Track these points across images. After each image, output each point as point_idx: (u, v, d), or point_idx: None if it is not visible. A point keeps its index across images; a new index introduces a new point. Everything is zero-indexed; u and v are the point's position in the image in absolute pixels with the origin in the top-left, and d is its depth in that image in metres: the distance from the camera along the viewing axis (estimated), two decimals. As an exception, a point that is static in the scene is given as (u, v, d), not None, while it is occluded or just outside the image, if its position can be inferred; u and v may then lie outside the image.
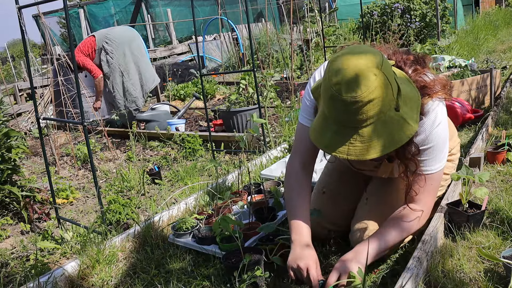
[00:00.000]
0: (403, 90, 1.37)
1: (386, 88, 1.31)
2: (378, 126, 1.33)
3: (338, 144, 1.36)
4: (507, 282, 1.45)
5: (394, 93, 1.34)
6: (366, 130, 1.33)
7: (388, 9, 7.51)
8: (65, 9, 2.14)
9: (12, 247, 2.48)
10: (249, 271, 1.60)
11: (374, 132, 1.33)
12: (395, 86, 1.35)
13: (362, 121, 1.32)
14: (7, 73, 13.83)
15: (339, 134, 1.36)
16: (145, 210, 2.72)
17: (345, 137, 1.35)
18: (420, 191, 1.61)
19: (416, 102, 1.42)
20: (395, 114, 1.34)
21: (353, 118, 1.32)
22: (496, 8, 12.30)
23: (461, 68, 4.00)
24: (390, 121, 1.34)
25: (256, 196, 2.31)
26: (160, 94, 6.70)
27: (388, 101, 1.32)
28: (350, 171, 2.00)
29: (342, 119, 1.34)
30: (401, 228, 1.62)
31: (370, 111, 1.30)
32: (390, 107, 1.34)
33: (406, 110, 1.37)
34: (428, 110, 1.52)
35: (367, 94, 1.27)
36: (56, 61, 4.22)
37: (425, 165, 1.59)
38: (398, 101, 1.35)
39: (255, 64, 3.25)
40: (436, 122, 1.53)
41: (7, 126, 3.01)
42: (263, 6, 10.61)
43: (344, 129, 1.35)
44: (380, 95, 1.29)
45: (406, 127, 1.35)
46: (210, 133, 3.54)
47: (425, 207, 1.64)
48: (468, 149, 2.70)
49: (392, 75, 1.35)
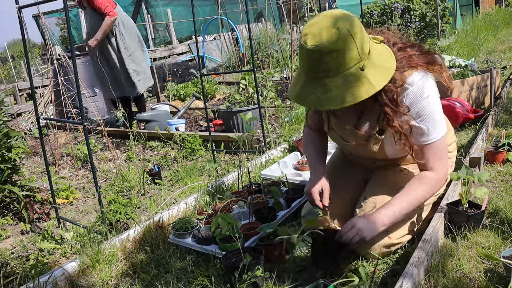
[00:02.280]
0: (375, 57, 1.51)
1: (349, 44, 1.43)
2: (339, 80, 1.46)
3: (304, 94, 1.53)
4: (507, 282, 1.45)
5: (361, 53, 1.46)
6: (328, 81, 1.47)
7: (388, 9, 7.51)
8: (65, 9, 2.14)
9: (12, 247, 2.47)
10: (249, 271, 1.60)
11: (335, 85, 1.46)
12: (363, 48, 1.46)
13: (324, 71, 1.46)
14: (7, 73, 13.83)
15: (306, 85, 1.53)
16: (145, 210, 2.72)
17: (310, 88, 1.51)
18: (430, 161, 1.67)
19: (387, 70, 1.53)
20: (358, 72, 1.46)
21: (316, 67, 1.47)
22: (496, 8, 12.29)
23: (461, 68, 4.00)
24: (353, 78, 1.46)
25: (256, 196, 2.31)
26: (160, 94, 6.70)
27: (350, 58, 1.44)
28: (349, 169, 2.02)
29: (307, 68, 1.50)
30: (425, 184, 1.68)
31: (330, 62, 1.44)
32: (355, 65, 1.46)
33: (373, 73, 1.48)
34: (413, 80, 1.62)
35: (328, 45, 1.42)
36: (56, 61, 4.22)
37: (426, 136, 1.65)
38: (364, 62, 1.47)
39: (255, 64, 3.25)
40: (425, 93, 1.62)
41: (8, 126, 3.01)
42: (263, 6, 10.61)
43: (310, 80, 1.51)
44: (341, 49, 1.42)
45: (368, 86, 1.46)
46: (210, 133, 3.54)
47: (440, 172, 1.69)
48: (468, 149, 2.70)
49: (362, 39, 1.47)
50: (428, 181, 1.69)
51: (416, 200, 1.69)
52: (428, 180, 1.69)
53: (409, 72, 1.62)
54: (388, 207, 1.65)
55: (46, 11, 11.91)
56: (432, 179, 1.69)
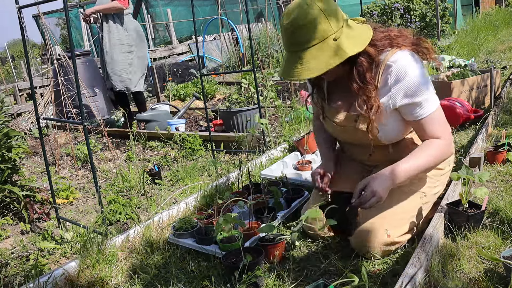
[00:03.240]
0: (350, 29, 1.61)
1: (318, 18, 1.55)
2: (314, 51, 1.58)
3: (287, 69, 1.65)
4: (507, 282, 1.45)
5: (333, 25, 1.57)
6: (304, 53, 1.59)
7: (388, 9, 7.51)
8: (65, 9, 2.14)
9: (12, 247, 2.47)
10: (249, 271, 1.60)
11: (311, 56, 1.58)
12: (335, 20, 1.58)
13: (298, 44, 1.59)
14: (7, 73, 13.83)
15: (287, 60, 1.65)
16: (145, 210, 2.72)
17: (291, 62, 1.63)
18: (433, 133, 1.70)
19: (362, 40, 1.62)
20: (332, 42, 1.57)
21: (291, 41, 1.61)
22: (496, 8, 12.29)
23: (461, 68, 4.00)
24: (327, 48, 1.57)
25: (256, 196, 2.31)
26: (160, 94, 6.70)
27: (322, 30, 1.56)
28: (348, 168, 2.02)
29: (286, 44, 1.64)
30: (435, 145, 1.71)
31: (302, 36, 1.57)
32: (328, 37, 1.57)
33: (347, 42, 1.58)
34: (397, 58, 1.66)
35: (298, 20, 1.57)
36: (56, 61, 4.22)
37: (420, 110, 1.68)
38: (337, 33, 1.57)
39: (255, 64, 3.25)
40: (409, 69, 1.65)
41: (8, 126, 3.01)
42: (263, 6, 10.60)
43: (291, 55, 1.63)
44: (311, 23, 1.55)
45: (341, 53, 1.56)
46: (210, 133, 3.54)
47: (446, 137, 1.72)
48: (468, 149, 2.70)
49: (334, 13, 1.58)
50: (438, 144, 1.71)
51: (428, 163, 1.71)
52: (437, 143, 1.71)
53: (393, 51, 1.67)
54: (400, 164, 1.68)
55: (46, 11, 11.90)
56: (441, 144, 1.71)
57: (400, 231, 1.75)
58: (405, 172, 1.67)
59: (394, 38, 1.70)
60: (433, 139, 1.71)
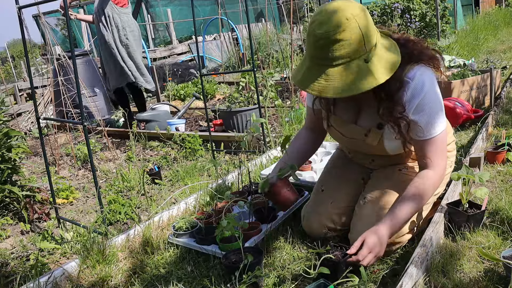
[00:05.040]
0: (381, 51, 1.52)
1: (356, 35, 1.44)
2: (343, 70, 1.47)
3: (307, 79, 1.53)
4: (507, 282, 1.45)
5: (367, 45, 1.47)
6: (332, 70, 1.48)
7: (388, 9, 7.50)
8: (65, 9, 2.14)
9: (12, 247, 2.47)
10: (250, 271, 1.60)
11: (339, 74, 1.48)
12: (370, 40, 1.48)
13: (328, 59, 1.47)
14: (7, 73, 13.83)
15: (310, 71, 1.53)
16: (145, 210, 2.72)
17: (313, 75, 1.52)
18: (429, 157, 1.67)
19: (392, 64, 1.53)
20: (363, 64, 1.47)
21: (322, 54, 1.48)
22: (496, 8, 12.29)
23: (461, 68, 4.00)
24: (357, 69, 1.47)
25: (256, 196, 2.31)
26: (160, 94, 6.70)
27: (356, 48, 1.46)
28: (348, 169, 2.02)
29: (314, 54, 1.51)
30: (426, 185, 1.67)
31: (335, 51, 1.45)
32: (360, 57, 1.47)
33: (377, 66, 1.49)
34: (414, 74, 1.62)
35: (335, 33, 1.44)
36: (56, 61, 4.22)
37: (425, 131, 1.64)
38: (369, 54, 1.48)
39: (255, 64, 3.25)
40: (426, 87, 1.61)
41: (8, 126, 3.01)
42: (263, 6, 10.61)
43: (315, 66, 1.52)
44: (348, 39, 1.44)
45: (370, 79, 1.47)
46: (210, 133, 3.54)
47: (439, 169, 1.69)
48: (468, 149, 2.70)
49: (369, 31, 1.48)
50: (428, 182, 1.68)
51: (419, 205, 1.67)
52: (428, 181, 1.68)
53: (410, 67, 1.63)
54: (392, 217, 1.62)
55: (46, 11, 11.90)
56: (432, 179, 1.68)
57: (400, 231, 1.75)
58: (400, 224, 1.63)
59: (413, 52, 1.65)
60: (426, 174, 1.68)
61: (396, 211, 1.63)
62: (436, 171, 1.68)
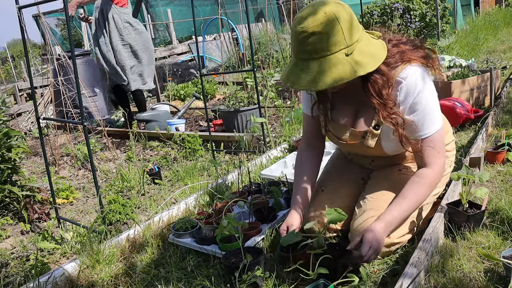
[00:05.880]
0: (365, 46, 1.54)
1: (334, 28, 1.47)
2: (324, 63, 1.50)
3: (292, 75, 1.56)
4: (507, 282, 1.45)
5: (348, 40, 1.49)
6: (313, 63, 1.51)
7: (388, 9, 7.50)
8: (65, 9, 2.14)
9: (12, 247, 2.47)
10: (249, 271, 1.60)
11: (320, 67, 1.50)
12: (351, 34, 1.50)
13: (308, 52, 1.50)
14: (7, 73, 13.83)
15: (293, 67, 1.57)
16: (145, 210, 2.72)
17: (296, 69, 1.55)
18: (427, 156, 1.67)
19: (375, 59, 1.55)
20: (343, 57, 1.50)
21: (302, 48, 1.51)
22: (496, 8, 12.28)
23: (461, 68, 4.00)
24: (337, 62, 1.49)
25: (256, 196, 2.31)
26: (160, 94, 6.70)
27: (335, 42, 1.48)
28: (348, 169, 2.02)
29: (296, 49, 1.55)
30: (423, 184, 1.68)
31: (315, 44, 1.48)
32: (340, 50, 1.49)
33: (359, 59, 1.51)
34: (407, 74, 1.63)
35: (312, 27, 1.47)
36: (56, 61, 4.22)
37: (421, 130, 1.65)
38: (350, 48, 1.50)
39: (255, 64, 3.25)
40: (419, 86, 1.62)
41: (8, 126, 3.01)
42: (263, 6, 10.60)
43: (299, 62, 1.55)
44: (325, 32, 1.47)
45: (350, 70, 1.49)
46: (210, 133, 3.54)
47: (437, 167, 1.69)
48: (468, 149, 2.70)
49: (350, 25, 1.50)
50: (426, 181, 1.68)
51: (416, 203, 1.69)
52: (426, 179, 1.68)
53: (403, 66, 1.64)
54: (388, 214, 1.64)
55: (46, 11, 11.90)
56: (429, 178, 1.68)
57: (400, 231, 1.75)
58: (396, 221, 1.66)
59: (405, 52, 1.66)
60: (424, 173, 1.69)
61: (392, 209, 1.65)
62: (434, 169, 1.68)
